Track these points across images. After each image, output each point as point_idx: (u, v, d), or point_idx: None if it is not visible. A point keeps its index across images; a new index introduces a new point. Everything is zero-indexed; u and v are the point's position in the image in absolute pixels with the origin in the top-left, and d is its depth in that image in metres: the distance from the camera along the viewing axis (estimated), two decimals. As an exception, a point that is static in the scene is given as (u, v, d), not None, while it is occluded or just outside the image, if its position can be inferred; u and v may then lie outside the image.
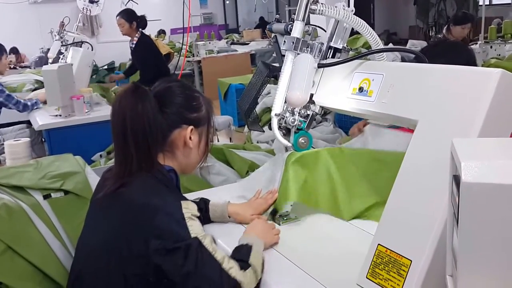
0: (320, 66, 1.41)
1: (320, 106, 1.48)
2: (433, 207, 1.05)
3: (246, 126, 5.45)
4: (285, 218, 1.53)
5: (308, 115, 1.45)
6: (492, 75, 1.03)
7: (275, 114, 1.43)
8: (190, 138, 1.30)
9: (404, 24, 12.51)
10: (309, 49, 1.40)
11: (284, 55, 1.49)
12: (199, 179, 2.73)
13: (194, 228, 1.14)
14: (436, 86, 1.14)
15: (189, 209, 1.16)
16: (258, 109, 5.22)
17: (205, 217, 1.49)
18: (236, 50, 9.06)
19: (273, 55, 7.88)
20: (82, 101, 3.52)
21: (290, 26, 1.52)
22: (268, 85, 1.68)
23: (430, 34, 11.74)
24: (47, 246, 1.88)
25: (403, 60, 4.75)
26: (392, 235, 1.12)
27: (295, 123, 1.43)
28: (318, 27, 1.51)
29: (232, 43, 10.18)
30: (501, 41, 5.04)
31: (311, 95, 1.40)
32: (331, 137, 4.38)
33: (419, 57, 1.34)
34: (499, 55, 4.75)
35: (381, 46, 1.48)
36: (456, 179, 0.87)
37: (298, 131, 1.44)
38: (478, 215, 0.73)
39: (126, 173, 1.22)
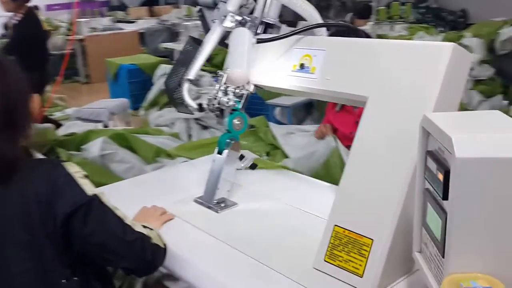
0: (260, 41, 1.32)
1: (254, 85, 1.40)
2: (390, 184, 1.04)
3: (142, 109, 5.20)
4: (222, 205, 1.44)
5: (243, 94, 1.38)
6: (445, 49, 1.03)
7: (188, 79, 1.37)
8: None
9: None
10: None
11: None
12: (102, 169, 2.51)
13: (88, 186, 1.08)
14: (386, 61, 1.12)
15: (75, 170, 1.08)
16: (155, 91, 4.99)
17: None
18: (123, 29, 8.63)
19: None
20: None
21: (218, -2, 1.42)
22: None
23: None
24: None
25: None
26: (349, 215, 1.09)
27: (230, 103, 1.35)
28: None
29: (118, 21, 9.63)
30: (389, 22, 5.43)
31: None
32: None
33: (357, 33, 1.32)
34: (386, 34, 5.12)
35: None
36: (432, 154, 0.85)
37: (233, 112, 1.37)
38: (472, 190, 0.72)
39: None
